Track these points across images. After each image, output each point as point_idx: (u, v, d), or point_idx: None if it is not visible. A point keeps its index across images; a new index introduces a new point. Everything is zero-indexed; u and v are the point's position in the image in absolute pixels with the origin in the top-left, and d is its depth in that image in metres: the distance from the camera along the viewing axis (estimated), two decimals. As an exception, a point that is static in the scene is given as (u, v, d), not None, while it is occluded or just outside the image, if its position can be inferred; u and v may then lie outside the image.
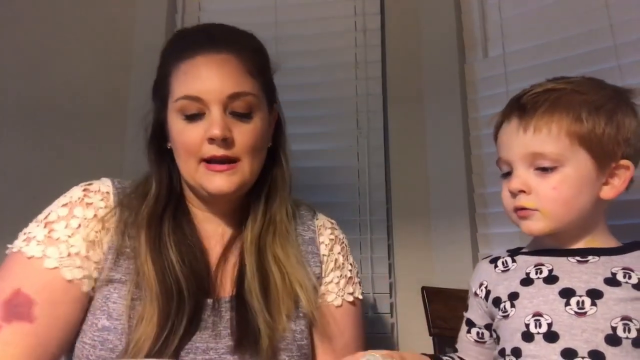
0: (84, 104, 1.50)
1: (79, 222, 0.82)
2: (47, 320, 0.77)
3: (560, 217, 0.77)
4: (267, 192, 0.92)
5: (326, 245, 0.95)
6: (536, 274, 0.78)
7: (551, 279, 0.76)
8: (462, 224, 1.27)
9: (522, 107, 0.79)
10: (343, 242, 0.98)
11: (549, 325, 0.73)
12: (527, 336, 0.74)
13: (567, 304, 0.73)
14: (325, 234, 0.96)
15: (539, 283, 0.77)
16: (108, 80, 1.51)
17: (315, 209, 1.00)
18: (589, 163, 0.76)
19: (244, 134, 0.84)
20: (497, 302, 0.80)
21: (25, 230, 0.83)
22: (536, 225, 0.78)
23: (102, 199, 0.86)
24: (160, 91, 0.89)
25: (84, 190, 0.86)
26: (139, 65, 1.49)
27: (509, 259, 0.84)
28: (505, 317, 0.78)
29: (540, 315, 0.74)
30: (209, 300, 0.83)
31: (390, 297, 1.32)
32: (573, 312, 0.72)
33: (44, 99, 1.52)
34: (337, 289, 0.92)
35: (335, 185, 1.40)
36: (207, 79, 0.83)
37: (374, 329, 1.31)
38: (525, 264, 0.81)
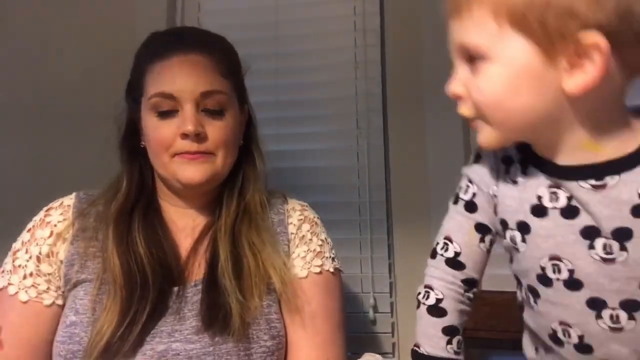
0: (84, 104, 1.50)
1: (36, 243, 0.88)
2: (13, 343, 0.83)
3: (502, 124, 0.60)
4: (241, 187, 0.95)
5: (294, 225, 0.96)
6: (551, 201, 0.61)
7: (570, 212, 0.59)
8: (462, 223, 1.27)
9: None
10: (313, 221, 0.98)
11: (570, 272, 0.60)
12: (544, 279, 0.62)
13: (591, 246, 0.58)
14: (295, 215, 0.97)
15: (554, 216, 0.61)
16: (108, 80, 1.50)
17: (286, 195, 1.02)
18: (527, 49, 0.55)
19: (217, 130, 0.88)
20: (503, 224, 0.67)
21: (5, 261, 0.89)
22: (482, 137, 0.62)
23: (61, 213, 0.91)
24: (134, 91, 0.93)
25: (47, 210, 0.92)
26: (138, 65, 1.49)
27: (518, 168, 0.65)
28: (515, 249, 0.65)
29: (559, 259, 0.61)
30: (175, 289, 0.86)
31: (391, 296, 1.32)
32: (599, 258, 0.58)
33: (43, 99, 1.52)
34: (302, 263, 0.92)
35: (335, 185, 1.40)
36: (180, 77, 0.87)
37: (374, 328, 1.31)
38: (536, 181, 0.63)
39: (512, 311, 1.09)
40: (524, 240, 0.63)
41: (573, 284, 0.60)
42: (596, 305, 0.59)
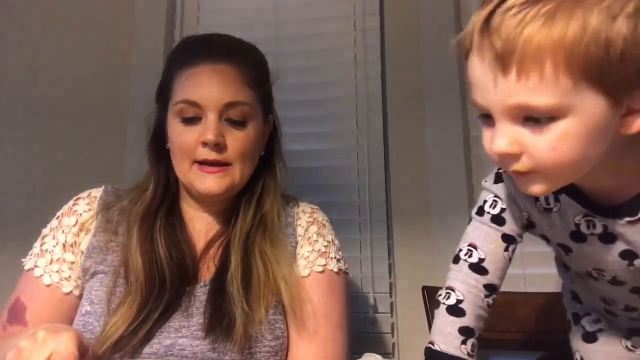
0: (84, 104, 1.50)
1: (62, 230, 0.92)
2: (36, 323, 0.84)
3: (565, 177, 0.59)
4: (259, 197, 0.96)
5: (302, 227, 0.98)
6: (588, 228, 0.65)
7: (608, 238, 0.64)
8: (462, 223, 1.25)
9: (494, 33, 0.53)
10: (321, 223, 0.99)
11: (613, 277, 0.68)
12: (592, 277, 0.70)
13: (630, 264, 0.65)
14: (304, 218, 0.99)
15: (593, 241, 0.65)
16: (108, 80, 1.51)
17: (298, 199, 1.03)
18: (601, 102, 0.52)
19: (237, 140, 0.89)
20: (545, 238, 0.73)
21: (33, 245, 0.93)
22: (535, 188, 0.59)
23: (87, 203, 0.95)
24: (163, 94, 0.95)
25: (76, 199, 0.96)
26: (138, 65, 1.49)
27: (551, 196, 0.67)
28: (562, 254, 0.72)
29: (602, 270, 0.68)
30: (187, 288, 0.89)
31: (391, 296, 1.32)
32: (636, 269, 0.66)
33: (44, 101, 1.52)
34: (305, 262, 0.94)
35: (335, 185, 1.40)
36: (207, 86, 0.89)
37: (374, 328, 1.31)
38: (572, 209, 0.65)
39: (512, 311, 1.09)
40: (568, 254, 0.70)
41: (616, 282, 0.69)
42: (637, 290, 0.69)
